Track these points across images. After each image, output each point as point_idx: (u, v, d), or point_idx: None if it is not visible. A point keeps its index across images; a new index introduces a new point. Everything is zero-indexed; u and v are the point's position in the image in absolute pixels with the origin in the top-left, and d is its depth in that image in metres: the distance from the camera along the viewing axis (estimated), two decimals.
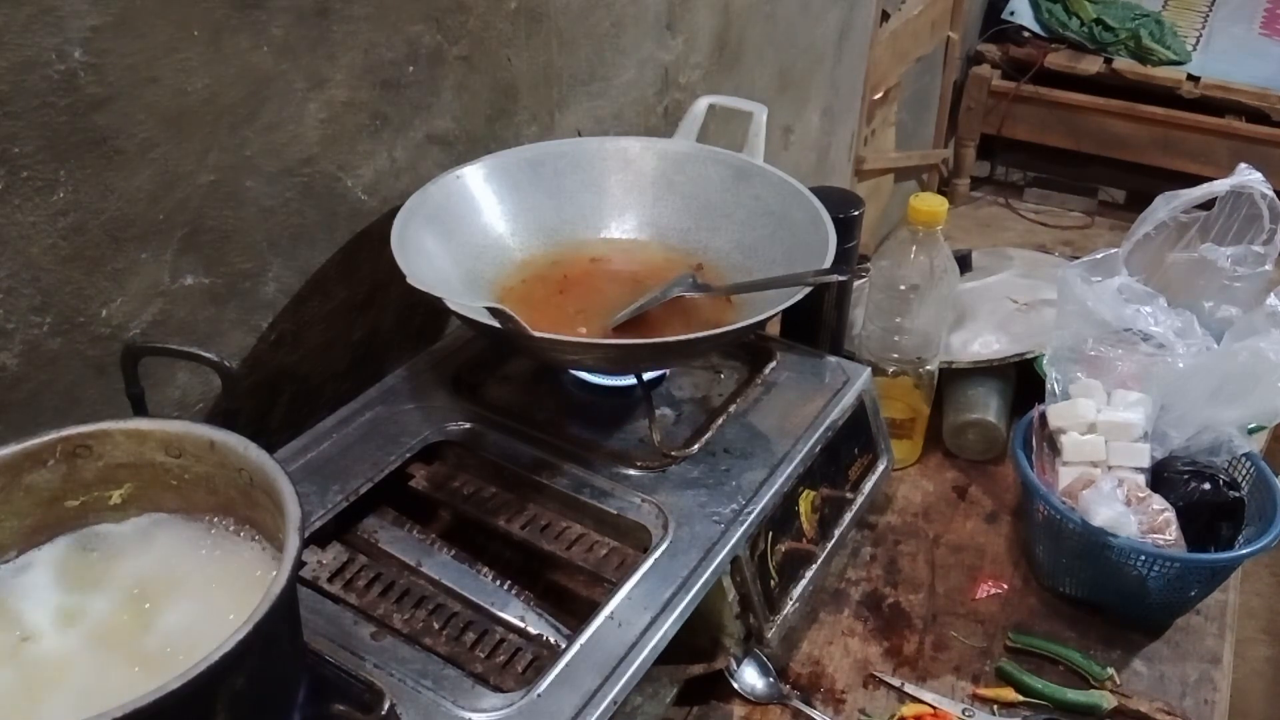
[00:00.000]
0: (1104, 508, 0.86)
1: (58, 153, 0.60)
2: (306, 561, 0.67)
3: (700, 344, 0.77)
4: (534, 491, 0.75)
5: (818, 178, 1.79)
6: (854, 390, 0.87)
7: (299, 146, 0.76)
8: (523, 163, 0.89)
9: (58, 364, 0.64)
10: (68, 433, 0.55)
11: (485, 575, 0.69)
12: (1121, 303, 0.98)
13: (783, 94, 1.55)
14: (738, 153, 0.92)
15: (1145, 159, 2.50)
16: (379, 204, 0.85)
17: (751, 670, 0.80)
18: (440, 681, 0.60)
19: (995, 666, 0.84)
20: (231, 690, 0.45)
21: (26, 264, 0.60)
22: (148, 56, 0.63)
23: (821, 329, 1.00)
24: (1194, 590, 0.87)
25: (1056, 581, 0.92)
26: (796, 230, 0.84)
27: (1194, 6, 2.70)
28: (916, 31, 2.07)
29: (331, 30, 0.75)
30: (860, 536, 0.97)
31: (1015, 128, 2.60)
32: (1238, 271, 1.10)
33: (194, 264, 0.70)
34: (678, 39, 1.21)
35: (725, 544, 0.71)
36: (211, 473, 0.56)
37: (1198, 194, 1.09)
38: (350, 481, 0.73)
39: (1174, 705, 0.82)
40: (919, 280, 0.96)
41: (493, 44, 0.92)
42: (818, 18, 1.59)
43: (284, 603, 0.47)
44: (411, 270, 0.72)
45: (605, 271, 0.89)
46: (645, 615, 0.65)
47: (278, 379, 0.81)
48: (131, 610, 0.53)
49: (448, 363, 0.86)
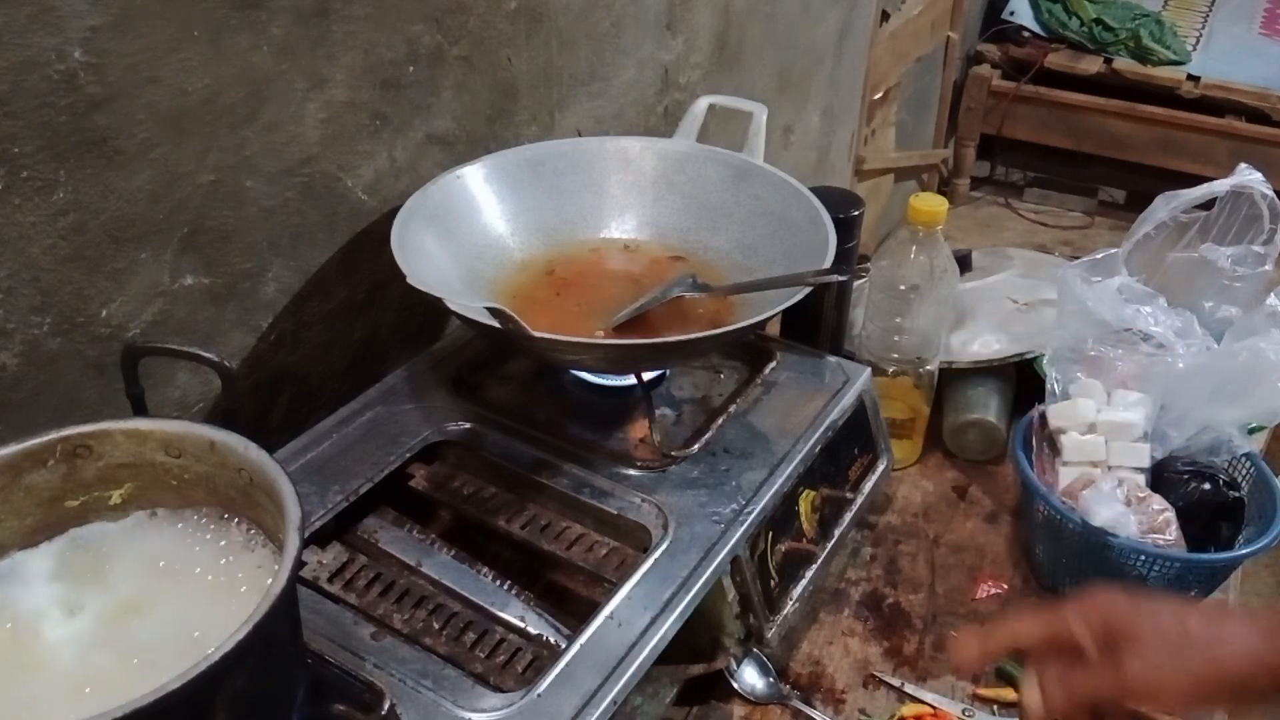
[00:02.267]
0: (1104, 508, 0.86)
1: (58, 153, 0.60)
2: (306, 561, 0.67)
3: (700, 344, 0.77)
4: (534, 491, 0.75)
5: (818, 178, 1.79)
6: (854, 390, 0.87)
7: (299, 146, 0.76)
8: (523, 163, 0.89)
9: (58, 364, 0.64)
10: (68, 433, 0.55)
11: (485, 575, 0.69)
12: (1121, 303, 0.98)
13: (783, 94, 1.55)
14: (738, 153, 0.92)
15: (1145, 159, 2.50)
16: (379, 204, 0.85)
17: (751, 670, 0.80)
18: (440, 681, 0.60)
19: (995, 666, 0.84)
20: (231, 690, 0.45)
21: (26, 264, 0.60)
22: (148, 56, 0.63)
23: (821, 329, 1.00)
24: (1194, 590, 0.87)
25: (1056, 581, 0.92)
26: (796, 230, 0.84)
27: (1194, 6, 2.70)
28: (916, 31, 2.07)
29: (331, 30, 0.75)
30: (860, 536, 0.97)
31: (1015, 128, 2.59)
32: (1238, 271, 1.10)
33: (194, 264, 0.70)
34: (678, 39, 1.21)
35: (725, 544, 0.71)
36: (211, 473, 0.56)
37: (1198, 194, 1.09)
38: (350, 481, 0.73)
39: None
40: (919, 280, 0.96)
41: (493, 44, 0.92)
42: (818, 18, 1.59)
43: (284, 603, 0.47)
44: (411, 270, 0.72)
45: (605, 271, 0.89)
46: (645, 615, 0.65)
47: (278, 379, 0.81)
48: (131, 610, 0.53)
49: (448, 363, 0.86)
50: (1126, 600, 0.58)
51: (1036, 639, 0.59)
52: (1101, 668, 0.56)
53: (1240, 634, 0.55)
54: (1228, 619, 0.57)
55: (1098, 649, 0.57)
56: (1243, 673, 0.54)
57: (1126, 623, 0.56)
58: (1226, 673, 0.55)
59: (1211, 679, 0.55)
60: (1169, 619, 0.56)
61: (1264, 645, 0.54)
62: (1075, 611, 0.58)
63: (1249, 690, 0.56)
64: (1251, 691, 0.56)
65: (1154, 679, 0.55)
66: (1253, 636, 0.55)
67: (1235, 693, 0.57)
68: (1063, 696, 0.57)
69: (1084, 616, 0.57)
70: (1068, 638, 0.58)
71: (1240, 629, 0.55)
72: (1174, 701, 0.58)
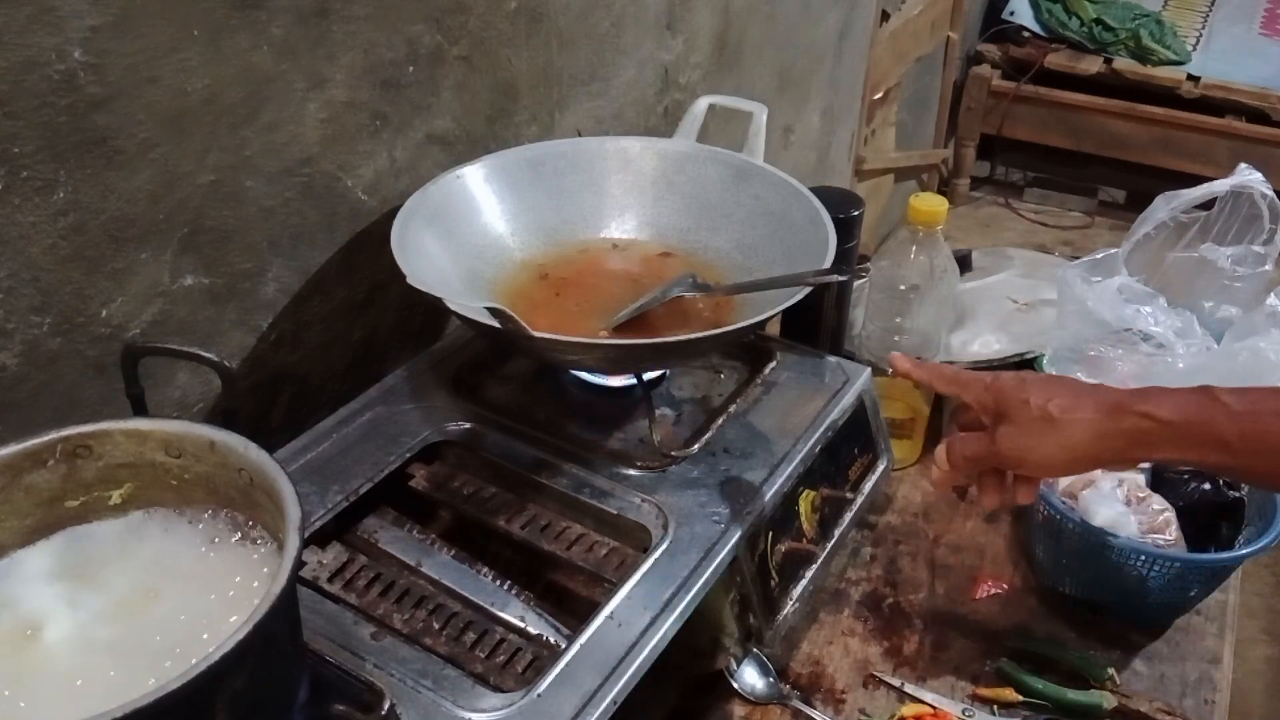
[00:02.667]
0: (1104, 508, 0.86)
1: (58, 153, 0.60)
2: (306, 561, 0.67)
3: (700, 344, 0.77)
4: (534, 491, 0.75)
5: (818, 178, 1.79)
6: (854, 390, 0.87)
7: (299, 146, 0.76)
8: (523, 163, 0.89)
9: (58, 364, 0.64)
10: (68, 433, 0.55)
11: (485, 575, 0.69)
12: (1121, 303, 0.98)
13: (783, 94, 1.55)
14: (738, 153, 0.92)
15: (1145, 159, 2.50)
16: (379, 204, 0.85)
17: (751, 670, 0.80)
18: (440, 681, 0.60)
19: (995, 666, 0.84)
20: (231, 690, 0.45)
21: (26, 264, 0.60)
22: (148, 56, 0.63)
23: (821, 329, 1.00)
24: (1194, 590, 0.87)
25: (1056, 581, 0.92)
26: (796, 230, 0.84)
27: (1194, 6, 2.70)
28: (916, 31, 2.07)
29: (331, 30, 0.75)
30: (860, 536, 0.97)
31: (1015, 128, 2.60)
32: (1238, 271, 1.10)
33: (194, 264, 0.70)
34: (678, 39, 1.21)
35: (725, 544, 0.71)
36: (211, 473, 0.56)
37: (1198, 194, 1.09)
38: (350, 481, 0.73)
39: (1174, 705, 0.82)
40: (919, 280, 0.96)
41: (493, 44, 0.92)
42: (818, 18, 1.59)
43: (284, 603, 0.47)
44: (411, 270, 0.72)
45: (605, 271, 0.89)
46: (645, 615, 0.65)
47: (278, 379, 0.81)
48: (131, 610, 0.53)
49: (448, 363, 0.86)
50: (1014, 380, 0.66)
51: (954, 397, 0.71)
52: (987, 437, 0.66)
53: (1088, 412, 0.63)
54: (1084, 398, 0.64)
55: (989, 420, 0.67)
56: (1090, 446, 0.63)
57: (1008, 400, 0.65)
58: (1077, 446, 0.63)
59: (1066, 451, 0.63)
60: (1038, 397, 0.64)
61: (1106, 422, 0.62)
62: (979, 386, 0.67)
63: (1100, 461, 0.65)
64: (1103, 462, 0.65)
65: (1020, 450, 0.65)
66: (1099, 413, 0.63)
67: (1090, 463, 0.65)
68: (955, 455, 0.68)
69: (984, 391, 0.67)
70: (968, 405, 0.69)
71: (1088, 407, 0.63)
72: (1039, 469, 0.66)
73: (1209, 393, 0.62)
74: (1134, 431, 0.62)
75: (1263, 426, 0.60)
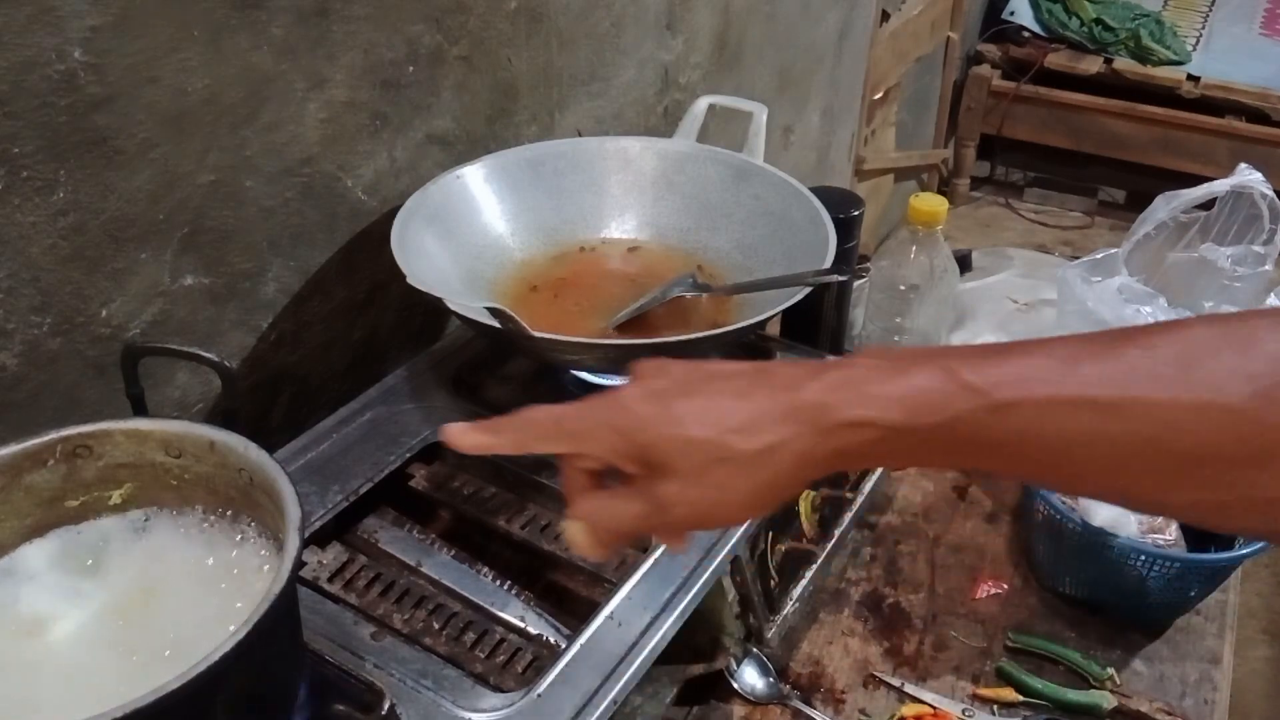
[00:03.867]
0: (1104, 507, 0.86)
1: (58, 153, 0.60)
2: (306, 561, 0.67)
3: (700, 344, 0.77)
4: (534, 491, 0.75)
5: (818, 178, 1.79)
6: None
7: (299, 146, 0.76)
8: (523, 163, 0.89)
9: (58, 364, 0.64)
10: (68, 433, 0.55)
11: (485, 575, 0.69)
12: (1121, 303, 0.98)
13: (783, 94, 1.55)
14: (738, 153, 0.92)
15: (1145, 159, 2.50)
16: (379, 204, 0.85)
17: (751, 670, 0.80)
18: (440, 681, 0.60)
19: (995, 666, 0.85)
20: (231, 690, 0.45)
21: (26, 264, 0.60)
22: (148, 56, 0.63)
23: (821, 329, 1.00)
24: (1194, 590, 0.87)
25: (1056, 581, 0.92)
26: (796, 230, 0.84)
27: (1194, 6, 2.70)
28: (916, 31, 2.07)
29: (331, 30, 0.75)
30: (860, 536, 0.97)
31: (1015, 128, 2.59)
32: (1238, 271, 1.10)
33: (194, 264, 0.70)
34: (678, 39, 1.21)
35: (725, 544, 0.71)
36: (212, 473, 0.56)
37: (1198, 194, 1.09)
38: (350, 481, 0.73)
39: (1174, 705, 0.82)
40: (919, 280, 0.96)
41: (493, 44, 0.92)
42: (818, 18, 1.59)
43: (284, 603, 0.47)
44: (411, 270, 0.72)
45: (605, 271, 0.89)
46: (645, 615, 0.65)
47: (278, 379, 0.81)
48: (130, 610, 0.53)
49: (448, 363, 0.86)
50: (655, 411, 0.46)
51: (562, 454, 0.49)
52: (643, 499, 0.47)
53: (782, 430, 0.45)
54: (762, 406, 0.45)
55: (636, 469, 0.47)
56: (794, 475, 0.46)
57: (660, 447, 0.46)
58: (778, 481, 0.46)
59: (767, 491, 0.46)
60: (701, 427, 0.45)
61: (811, 444, 0.45)
62: (606, 434, 0.47)
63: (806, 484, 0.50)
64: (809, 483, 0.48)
65: (701, 511, 0.46)
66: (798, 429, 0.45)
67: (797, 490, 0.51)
68: (604, 533, 0.49)
69: (616, 438, 0.46)
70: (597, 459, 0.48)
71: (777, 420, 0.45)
72: (731, 522, 0.49)
73: (946, 368, 0.43)
74: (854, 449, 0.45)
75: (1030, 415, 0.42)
